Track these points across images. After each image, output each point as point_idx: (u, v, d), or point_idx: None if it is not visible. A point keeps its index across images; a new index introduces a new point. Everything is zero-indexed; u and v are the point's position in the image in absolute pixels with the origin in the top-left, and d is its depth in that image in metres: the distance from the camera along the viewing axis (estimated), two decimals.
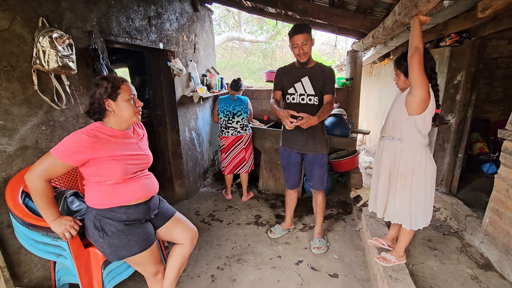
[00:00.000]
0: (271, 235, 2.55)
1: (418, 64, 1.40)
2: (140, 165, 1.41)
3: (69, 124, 1.80)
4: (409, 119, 1.56)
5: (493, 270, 1.94)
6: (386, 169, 1.72)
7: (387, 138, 1.72)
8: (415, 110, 1.52)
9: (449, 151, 2.76)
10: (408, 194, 1.64)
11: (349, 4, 2.69)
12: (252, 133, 3.28)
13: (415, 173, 1.61)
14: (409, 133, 1.59)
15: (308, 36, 1.95)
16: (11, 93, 1.47)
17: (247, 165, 3.25)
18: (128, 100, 1.32)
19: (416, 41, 1.42)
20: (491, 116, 3.63)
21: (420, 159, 1.60)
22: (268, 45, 11.80)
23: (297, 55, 2.03)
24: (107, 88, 1.28)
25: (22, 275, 1.58)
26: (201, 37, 3.54)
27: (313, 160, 2.23)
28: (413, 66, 1.42)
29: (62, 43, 1.57)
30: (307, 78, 2.09)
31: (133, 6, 2.31)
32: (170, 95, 2.99)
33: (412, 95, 1.49)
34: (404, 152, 1.63)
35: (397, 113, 1.64)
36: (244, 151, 3.20)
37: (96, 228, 1.33)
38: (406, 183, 1.64)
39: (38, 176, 1.20)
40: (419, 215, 1.66)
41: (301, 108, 2.03)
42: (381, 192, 1.77)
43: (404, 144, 1.62)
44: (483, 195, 2.80)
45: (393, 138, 1.67)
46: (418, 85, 1.44)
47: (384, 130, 1.75)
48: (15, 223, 1.43)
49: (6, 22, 1.42)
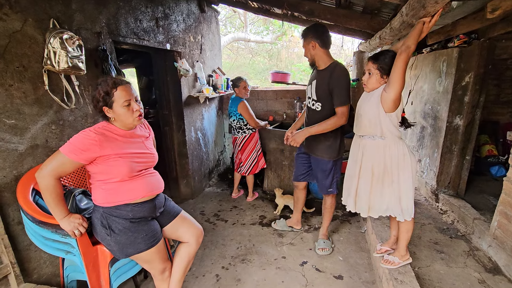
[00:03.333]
0: (273, 225, 2.71)
1: (404, 62, 1.43)
2: (145, 163, 1.43)
3: (78, 123, 1.83)
4: (386, 116, 1.59)
5: (501, 274, 1.91)
6: (368, 167, 1.71)
7: (367, 137, 1.72)
8: (391, 107, 1.55)
9: (457, 153, 2.72)
10: (397, 187, 1.66)
11: (355, 5, 2.68)
12: (247, 136, 3.13)
13: (401, 166, 1.64)
14: (388, 129, 1.62)
15: (305, 41, 1.99)
16: (22, 93, 1.50)
17: (243, 167, 3.22)
18: (124, 106, 1.31)
19: (411, 41, 1.43)
20: (500, 118, 3.57)
21: (403, 152, 1.64)
22: (274, 46, 11.78)
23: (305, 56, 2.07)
24: (100, 96, 1.29)
25: (31, 271, 1.62)
26: (207, 38, 3.56)
27: (316, 163, 2.23)
28: (399, 64, 1.44)
29: (72, 44, 1.60)
30: (315, 82, 2.05)
31: (141, 8, 2.34)
32: (177, 96, 3.02)
33: (389, 92, 1.51)
34: (387, 148, 1.65)
35: (372, 112, 1.64)
36: (240, 153, 3.19)
37: (103, 226, 1.35)
38: (393, 177, 1.66)
39: (48, 174, 1.22)
40: (410, 205, 1.67)
41: (310, 113, 2.04)
42: (363, 192, 1.76)
43: (386, 141, 1.65)
44: (491, 198, 2.76)
45: (374, 137, 1.67)
46: (398, 83, 1.46)
47: (361, 130, 1.74)
48: (25, 220, 1.46)
49: (18, 23, 1.46)
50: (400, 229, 1.79)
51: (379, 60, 1.61)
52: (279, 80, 4.25)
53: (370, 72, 1.65)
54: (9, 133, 1.46)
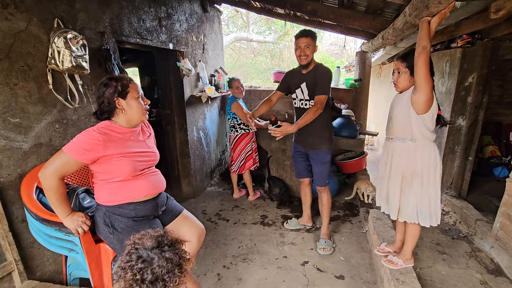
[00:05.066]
0: (286, 226, 2.71)
1: (425, 63, 1.42)
2: (147, 162, 1.44)
3: (81, 122, 1.84)
4: (418, 118, 1.56)
5: (503, 276, 1.90)
6: (399, 170, 1.69)
7: (397, 140, 1.70)
8: (422, 109, 1.52)
9: (460, 154, 2.71)
10: (426, 191, 1.63)
11: (358, 5, 2.67)
12: (239, 135, 3.16)
13: (431, 170, 1.61)
14: (420, 132, 1.59)
15: (311, 41, 2.07)
16: (27, 92, 1.51)
17: (233, 165, 3.26)
18: (137, 98, 1.37)
19: (424, 41, 1.43)
20: (504, 118, 3.55)
21: (435, 155, 1.61)
22: (276, 46, 11.78)
23: (298, 56, 2.13)
24: (116, 87, 1.31)
25: (35, 268, 1.63)
26: (210, 38, 3.57)
27: (314, 157, 2.33)
28: (420, 65, 1.43)
29: (76, 44, 1.61)
30: (305, 84, 2.18)
31: (144, 7, 2.35)
32: (179, 95, 3.03)
33: (418, 94, 1.49)
34: (418, 151, 1.62)
35: (402, 114, 1.62)
36: (232, 151, 3.25)
37: (106, 225, 1.36)
38: (423, 181, 1.63)
39: (51, 174, 1.23)
40: (438, 210, 1.65)
41: (302, 112, 2.10)
42: (392, 194, 1.74)
43: (417, 144, 1.61)
44: (494, 199, 2.75)
45: (404, 139, 1.65)
46: (424, 84, 1.45)
47: (392, 132, 1.73)
48: (29, 217, 1.48)
49: (23, 23, 1.47)
50: (407, 234, 1.77)
51: (408, 59, 1.59)
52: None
53: (399, 71, 1.64)
54: (13, 132, 1.47)
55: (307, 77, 2.17)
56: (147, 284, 0.86)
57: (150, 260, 0.89)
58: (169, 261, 0.90)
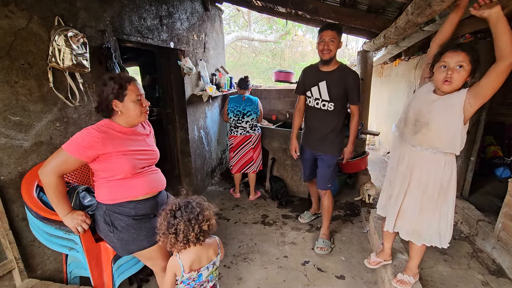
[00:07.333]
0: (301, 220, 2.81)
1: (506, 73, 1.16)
2: (148, 161, 1.44)
3: (82, 121, 1.84)
4: (464, 128, 1.32)
5: (505, 277, 1.89)
6: (421, 184, 1.48)
7: (425, 150, 1.44)
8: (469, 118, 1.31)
9: (461, 154, 2.69)
10: (446, 208, 1.47)
11: (360, 4, 2.66)
12: (261, 133, 3.28)
13: (451, 184, 1.44)
14: (458, 144, 1.35)
15: (337, 36, 1.96)
16: (27, 90, 1.51)
17: (254, 165, 3.25)
18: (135, 101, 1.33)
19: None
20: (506, 119, 3.53)
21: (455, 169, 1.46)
22: (277, 45, 11.76)
23: (320, 50, 2.01)
24: (113, 89, 1.29)
25: (35, 266, 1.63)
26: (211, 37, 3.56)
27: (323, 160, 2.29)
28: (502, 74, 1.20)
29: (77, 42, 1.61)
30: (325, 83, 2.07)
31: (145, 6, 2.34)
32: (180, 94, 3.02)
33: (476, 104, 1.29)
34: (447, 165, 1.42)
35: (447, 122, 1.35)
36: (252, 151, 3.20)
37: (106, 223, 1.36)
38: (448, 197, 1.45)
39: (51, 172, 1.23)
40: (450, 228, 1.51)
41: (315, 112, 2.05)
42: (410, 211, 1.53)
43: (448, 157, 1.41)
44: (496, 199, 2.73)
45: (436, 151, 1.42)
46: (492, 93, 1.27)
47: (424, 141, 1.43)
48: (29, 216, 1.47)
49: (24, 21, 1.47)
50: (415, 250, 1.65)
51: (474, 52, 1.27)
52: (282, 79, 4.24)
53: (461, 65, 1.28)
54: (14, 130, 1.47)
55: (328, 76, 2.04)
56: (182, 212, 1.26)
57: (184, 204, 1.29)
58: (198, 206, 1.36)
